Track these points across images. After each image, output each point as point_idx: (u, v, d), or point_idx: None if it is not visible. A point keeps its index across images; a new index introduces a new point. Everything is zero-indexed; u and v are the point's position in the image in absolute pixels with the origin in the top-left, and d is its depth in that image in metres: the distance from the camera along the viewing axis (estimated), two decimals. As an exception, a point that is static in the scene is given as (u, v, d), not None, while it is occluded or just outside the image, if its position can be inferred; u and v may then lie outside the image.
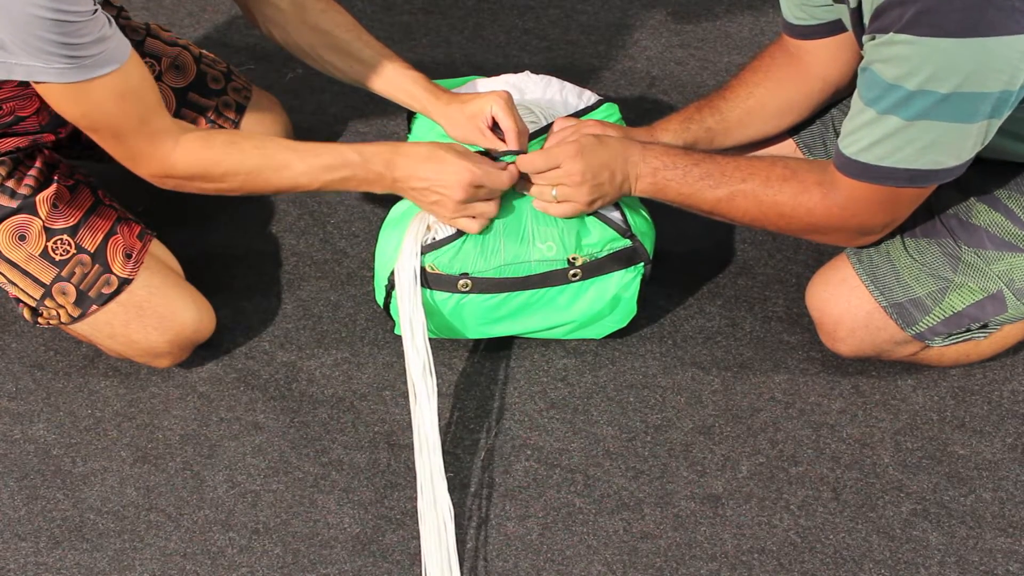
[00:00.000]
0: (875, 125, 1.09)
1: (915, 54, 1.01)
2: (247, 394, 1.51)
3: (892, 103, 1.06)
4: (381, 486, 1.41)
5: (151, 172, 1.25)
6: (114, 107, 1.15)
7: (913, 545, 1.34)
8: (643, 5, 2.07)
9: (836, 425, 1.45)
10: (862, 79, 1.10)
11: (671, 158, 1.27)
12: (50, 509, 1.40)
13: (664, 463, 1.42)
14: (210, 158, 1.24)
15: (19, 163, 1.34)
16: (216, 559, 1.35)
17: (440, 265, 1.34)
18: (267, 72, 1.94)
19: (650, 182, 1.28)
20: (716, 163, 1.26)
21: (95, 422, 1.48)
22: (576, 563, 1.34)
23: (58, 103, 1.15)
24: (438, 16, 2.06)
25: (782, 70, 1.39)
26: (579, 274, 1.36)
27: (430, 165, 1.26)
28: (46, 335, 1.57)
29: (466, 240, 1.34)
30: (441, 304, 1.37)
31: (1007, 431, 1.44)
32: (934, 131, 1.07)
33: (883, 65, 1.05)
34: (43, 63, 1.07)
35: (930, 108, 1.05)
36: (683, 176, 1.26)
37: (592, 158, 1.26)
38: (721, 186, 1.25)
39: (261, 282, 1.63)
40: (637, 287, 1.41)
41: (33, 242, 1.34)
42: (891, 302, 1.31)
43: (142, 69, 1.18)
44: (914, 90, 1.04)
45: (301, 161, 1.27)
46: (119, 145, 1.21)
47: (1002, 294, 1.29)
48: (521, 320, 1.42)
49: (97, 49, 1.09)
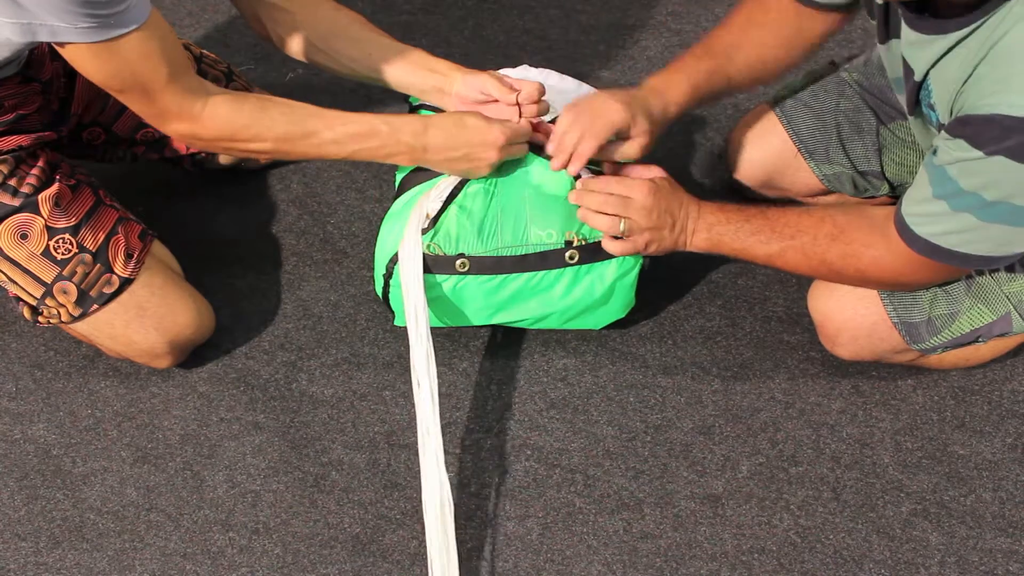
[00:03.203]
0: (949, 218, 1.09)
1: (1008, 178, 1.00)
2: (247, 394, 1.51)
3: (967, 205, 1.06)
4: (381, 486, 1.41)
5: (180, 131, 1.24)
6: (143, 64, 1.14)
7: (913, 545, 1.34)
8: (643, 5, 2.07)
9: (836, 425, 1.45)
10: (932, 172, 1.09)
11: (725, 214, 1.30)
12: (50, 509, 1.40)
13: (664, 463, 1.42)
14: (239, 121, 1.24)
15: (21, 162, 1.34)
16: (216, 559, 1.35)
17: (440, 243, 1.34)
18: (267, 72, 1.94)
19: (705, 237, 1.30)
20: (767, 219, 1.27)
21: (95, 422, 1.48)
22: (576, 563, 1.34)
23: (85, 65, 1.13)
24: (438, 16, 2.06)
25: (787, 30, 1.35)
26: (576, 256, 1.36)
27: (463, 134, 1.30)
28: (46, 335, 1.57)
29: (466, 219, 1.34)
30: (441, 286, 1.37)
31: (1007, 431, 1.44)
32: (1012, 233, 1.07)
33: (963, 174, 1.04)
34: (67, 23, 1.05)
35: (1008, 215, 1.05)
36: (735, 232, 1.28)
37: (663, 200, 1.29)
38: (772, 242, 1.26)
39: (261, 282, 1.63)
40: (635, 276, 1.40)
41: (35, 241, 1.34)
42: (903, 320, 1.31)
43: (165, 24, 1.17)
44: (992, 201, 1.03)
45: (329, 129, 1.28)
46: (149, 103, 1.19)
47: (1010, 315, 1.30)
48: (520, 306, 1.41)
49: (121, 5, 1.07)
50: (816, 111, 1.49)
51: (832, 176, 1.52)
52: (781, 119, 1.51)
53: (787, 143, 1.51)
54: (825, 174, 1.52)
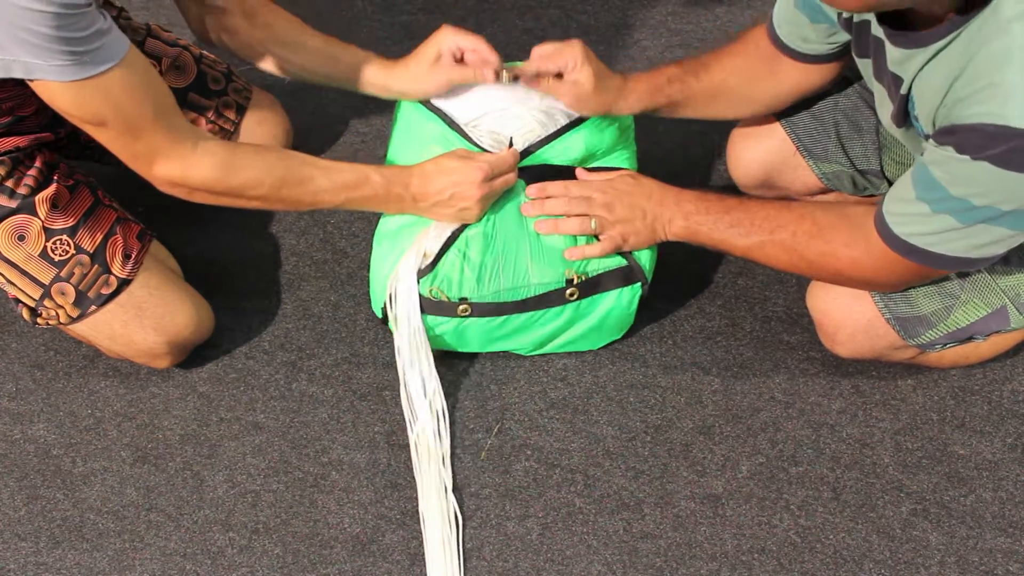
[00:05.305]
0: (930, 219, 1.09)
1: (994, 183, 1.01)
2: (247, 394, 1.51)
3: (950, 208, 1.06)
4: (381, 486, 1.41)
5: (168, 174, 1.20)
6: (126, 101, 1.12)
7: (913, 545, 1.34)
8: (643, 5, 2.06)
9: (836, 425, 1.45)
10: (918, 174, 1.09)
11: (704, 203, 1.30)
12: (50, 509, 1.40)
13: (664, 463, 1.42)
14: (234, 162, 1.22)
15: (19, 163, 1.34)
16: (216, 559, 1.35)
17: (443, 287, 1.34)
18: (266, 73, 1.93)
19: (683, 225, 1.32)
20: (747, 211, 1.28)
21: (95, 422, 1.48)
22: (576, 563, 1.34)
23: (63, 104, 1.11)
24: (438, 16, 2.05)
25: (760, 66, 1.38)
26: (576, 293, 1.37)
27: (443, 177, 1.30)
28: (46, 335, 1.57)
29: (465, 266, 1.34)
30: (440, 328, 1.39)
31: (1007, 431, 1.44)
32: (992, 234, 1.07)
33: (949, 178, 1.04)
34: (41, 60, 1.04)
35: (991, 218, 1.05)
36: (714, 223, 1.29)
37: (623, 194, 1.33)
38: (751, 235, 1.27)
39: (261, 282, 1.63)
40: (635, 307, 1.41)
41: (32, 242, 1.34)
42: (895, 315, 1.31)
43: (145, 61, 1.15)
44: (977, 205, 1.04)
45: (325, 177, 1.28)
46: (134, 142, 1.16)
47: (1006, 309, 1.29)
48: (522, 336, 1.43)
49: (97, 42, 1.06)
50: (815, 110, 1.49)
51: (831, 175, 1.51)
52: (780, 118, 1.51)
53: (786, 142, 1.51)
54: (824, 173, 1.51)
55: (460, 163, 1.30)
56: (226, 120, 1.58)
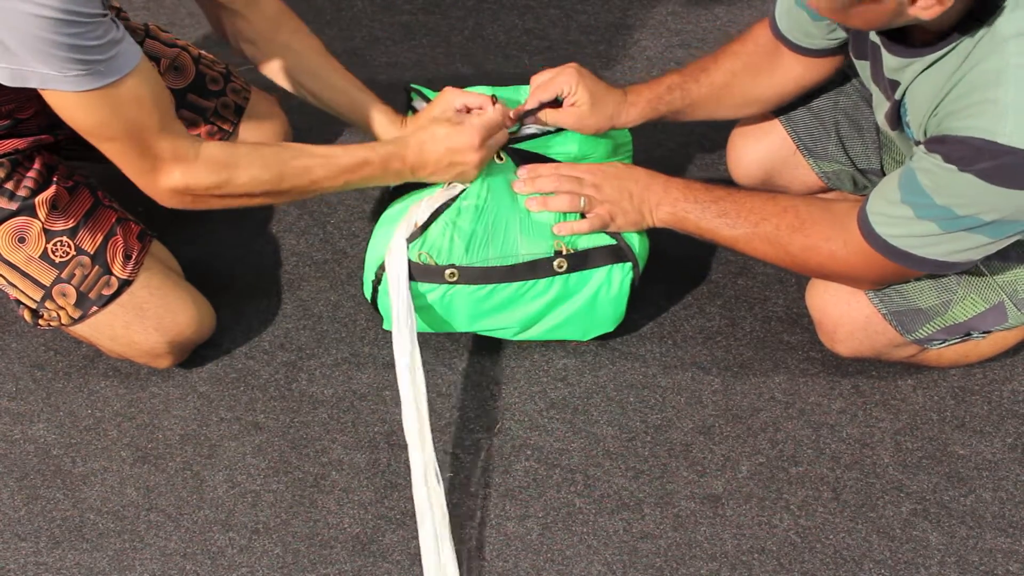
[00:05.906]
0: (912, 223, 1.11)
1: (979, 196, 1.03)
2: (247, 394, 1.51)
3: (934, 215, 1.08)
4: (381, 486, 1.41)
5: (173, 182, 1.20)
6: (136, 111, 1.12)
7: (913, 545, 1.34)
8: (643, 5, 2.06)
9: (836, 425, 1.45)
10: (905, 177, 1.11)
11: (692, 192, 1.32)
12: (50, 509, 1.41)
13: (664, 463, 1.42)
14: (236, 160, 1.22)
15: (18, 165, 1.34)
16: (216, 559, 1.35)
17: (430, 252, 1.34)
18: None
19: (670, 211, 1.33)
20: (734, 202, 1.29)
21: (95, 422, 1.48)
22: (576, 563, 1.34)
23: (74, 115, 1.10)
24: (438, 16, 2.06)
25: (762, 60, 1.39)
26: (564, 265, 1.36)
27: (438, 144, 1.32)
28: (46, 335, 1.58)
29: (455, 235, 1.34)
30: (430, 295, 1.37)
31: (1007, 431, 1.44)
32: (972, 240, 1.09)
33: (935, 187, 1.06)
34: (56, 71, 1.03)
35: (972, 227, 1.07)
36: (701, 211, 1.31)
37: (612, 177, 1.35)
38: (737, 227, 1.28)
39: (261, 282, 1.63)
40: (626, 289, 1.40)
41: (33, 244, 1.34)
42: (890, 310, 1.32)
43: (153, 70, 1.15)
44: (962, 215, 1.06)
45: (324, 165, 1.29)
46: (141, 152, 1.16)
47: (1003, 304, 1.29)
48: (509, 312, 1.41)
49: (111, 51, 1.06)
50: (815, 109, 1.49)
51: (831, 174, 1.52)
52: (780, 117, 1.51)
53: (786, 141, 1.51)
54: (824, 172, 1.52)
55: (453, 129, 1.32)
56: (225, 121, 1.58)
